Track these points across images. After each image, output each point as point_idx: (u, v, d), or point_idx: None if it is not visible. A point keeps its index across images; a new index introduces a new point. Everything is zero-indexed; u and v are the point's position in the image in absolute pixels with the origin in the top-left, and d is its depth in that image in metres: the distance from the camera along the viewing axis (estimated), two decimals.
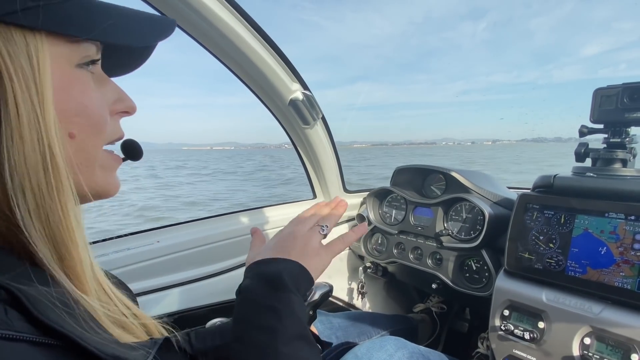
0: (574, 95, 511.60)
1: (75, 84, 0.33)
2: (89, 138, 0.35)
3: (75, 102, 0.33)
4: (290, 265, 0.51)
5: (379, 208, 1.38)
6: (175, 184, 15.95)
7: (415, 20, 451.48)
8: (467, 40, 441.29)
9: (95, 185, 0.37)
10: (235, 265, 1.23)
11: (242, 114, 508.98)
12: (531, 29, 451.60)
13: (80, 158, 0.34)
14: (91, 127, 0.35)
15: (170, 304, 1.08)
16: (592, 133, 0.85)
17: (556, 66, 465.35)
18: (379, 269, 1.44)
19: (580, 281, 0.78)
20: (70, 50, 0.33)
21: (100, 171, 0.38)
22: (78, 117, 0.33)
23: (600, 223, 0.77)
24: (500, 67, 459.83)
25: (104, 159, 0.38)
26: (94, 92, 0.35)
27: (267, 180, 16.08)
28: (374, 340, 0.85)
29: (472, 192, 1.10)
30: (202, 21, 0.88)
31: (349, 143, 34.86)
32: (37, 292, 0.28)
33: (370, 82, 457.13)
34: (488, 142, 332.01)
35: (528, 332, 0.82)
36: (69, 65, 0.33)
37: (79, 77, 0.34)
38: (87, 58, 0.35)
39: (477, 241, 1.03)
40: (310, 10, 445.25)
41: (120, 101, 0.40)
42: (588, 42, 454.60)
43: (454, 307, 1.56)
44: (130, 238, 1.07)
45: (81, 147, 0.34)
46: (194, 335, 0.66)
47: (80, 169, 0.34)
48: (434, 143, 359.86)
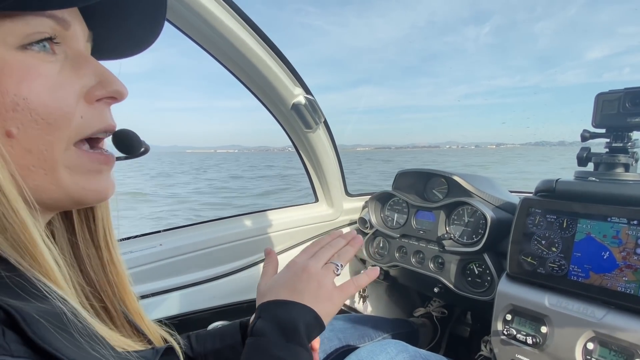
0: (578, 99, 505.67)
1: (8, 72, 0.27)
2: (38, 136, 0.29)
3: (7, 94, 0.27)
4: (306, 314, 0.49)
5: (381, 212, 1.38)
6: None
7: (418, 24, 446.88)
8: (470, 44, 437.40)
9: (63, 191, 0.32)
10: (238, 268, 1.23)
11: (246, 117, 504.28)
12: (535, 33, 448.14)
13: (30, 160, 0.29)
14: (37, 122, 0.29)
15: (173, 306, 1.08)
16: (594, 137, 0.85)
17: (560, 70, 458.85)
18: (380, 273, 1.44)
19: (583, 286, 0.78)
20: (1, 29, 0.27)
21: (68, 174, 0.32)
22: (15, 112, 0.28)
23: (603, 227, 0.77)
24: (503, 71, 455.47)
25: (71, 159, 0.32)
26: (45, 79, 0.29)
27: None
28: (375, 344, 0.85)
29: (474, 195, 1.10)
30: (205, 26, 0.89)
31: (352, 146, 35.00)
32: (34, 309, 0.26)
33: (373, 86, 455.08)
34: (492, 146, 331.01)
35: (531, 337, 0.82)
36: (2, 48, 0.27)
37: (17, 61, 0.28)
38: (35, 36, 0.29)
39: (479, 245, 1.03)
40: (314, 14, 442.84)
41: (101, 86, 0.33)
42: (592, 46, 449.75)
43: (456, 312, 1.55)
44: (133, 241, 1.08)
45: (27, 148, 0.29)
46: (195, 338, 0.66)
47: (33, 173, 0.29)
48: (437, 146, 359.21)
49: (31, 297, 0.27)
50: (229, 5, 0.88)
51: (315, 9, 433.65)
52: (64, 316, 0.28)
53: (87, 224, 0.40)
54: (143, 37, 0.39)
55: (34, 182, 0.30)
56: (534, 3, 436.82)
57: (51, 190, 0.31)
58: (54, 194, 0.31)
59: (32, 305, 0.27)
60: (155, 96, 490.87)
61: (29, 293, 0.28)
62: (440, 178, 1.24)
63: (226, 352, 0.65)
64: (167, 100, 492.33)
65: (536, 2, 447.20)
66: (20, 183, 0.28)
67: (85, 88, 0.32)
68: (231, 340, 0.66)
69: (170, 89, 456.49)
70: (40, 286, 0.29)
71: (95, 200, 0.35)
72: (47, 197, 0.31)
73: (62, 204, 0.33)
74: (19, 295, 0.27)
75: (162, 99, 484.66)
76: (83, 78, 0.32)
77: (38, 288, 0.28)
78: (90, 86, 0.33)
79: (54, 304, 0.29)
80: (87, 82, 0.32)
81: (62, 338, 0.27)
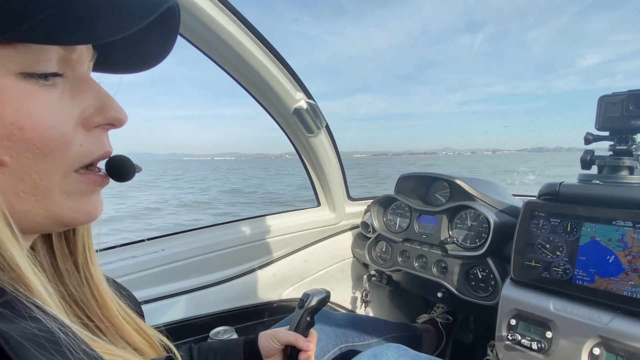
0: (572, 105, 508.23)
1: (6, 100, 0.26)
2: (32, 165, 0.28)
3: (4, 123, 0.26)
4: None
5: (383, 216, 1.37)
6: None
7: (414, 34, 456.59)
8: (465, 52, 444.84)
9: (52, 215, 0.31)
10: (239, 273, 1.23)
11: (244, 125, 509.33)
12: (528, 41, 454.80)
13: (22, 187, 0.28)
14: (31, 152, 0.27)
15: (175, 311, 1.08)
16: (597, 140, 0.85)
17: (555, 77, 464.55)
18: (383, 277, 1.43)
19: (588, 290, 0.77)
20: (2, 55, 0.25)
21: (63, 199, 0.31)
22: (9, 141, 0.26)
23: (608, 231, 0.76)
24: (499, 78, 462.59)
25: (70, 185, 0.31)
26: (43, 107, 0.28)
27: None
28: (375, 348, 0.84)
29: (477, 199, 1.10)
30: (207, 32, 0.90)
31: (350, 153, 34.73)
32: (21, 330, 0.25)
33: (370, 94, 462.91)
34: (488, 152, 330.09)
35: (535, 342, 0.81)
36: (1, 73, 0.26)
37: (16, 89, 0.26)
38: (40, 67, 0.27)
39: (483, 249, 1.02)
40: (311, 24, 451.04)
41: (100, 112, 0.32)
42: (585, 53, 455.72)
43: (459, 317, 1.54)
44: (135, 246, 1.08)
45: (19, 176, 0.28)
46: (196, 352, 0.66)
47: (24, 199, 0.28)
48: (434, 153, 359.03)
49: (18, 318, 0.26)
50: (230, 11, 0.89)
51: (312, 19, 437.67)
52: (54, 336, 0.27)
53: (67, 239, 0.39)
54: (152, 55, 0.37)
55: (22, 208, 0.29)
56: (526, 12, 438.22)
57: (39, 215, 0.30)
58: (41, 218, 0.30)
59: (20, 326, 0.25)
60: (153, 104, 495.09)
61: (17, 315, 0.26)
62: (442, 182, 1.24)
63: None
64: (165, 108, 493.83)
65: (528, 11, 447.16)
66: (6, 213, 0.27)
67: (84, 114, 0.31)
68: (233, 359, 0.66)
69: (168, 97, 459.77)
70: (28, 306, 0.27)
71: (84, 221, 0.34)
72: (33, 222, 0.30)
73: (47, 227, 0.32)
74: (5, 318, 0.25)
75: (160, 107, 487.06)
76: (82, 103, 0.31)
77: (27, 309, 0.27)
78: (89, 113, 0.31)
79: (44, 324, 0.27)
80: (86, 107, 0.31)
81: (52, 356, 0.25)
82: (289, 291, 1.33)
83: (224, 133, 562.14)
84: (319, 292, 0.73)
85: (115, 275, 0.79)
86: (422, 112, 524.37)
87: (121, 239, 1.12)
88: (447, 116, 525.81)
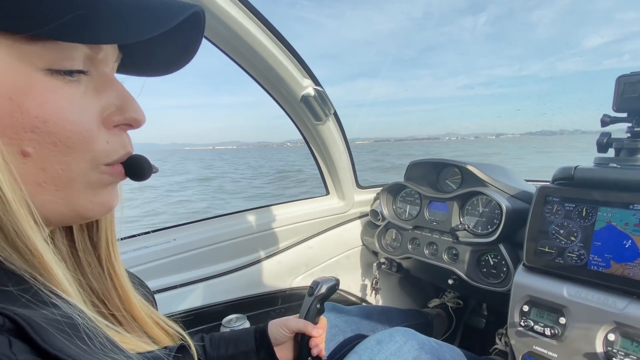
0: (578, 87, 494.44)
1: (32, 94, 0.27)
2: (55, 157, 0.29)
3: (27, 115, 0.27)
4: None
5: (393, 203, 1.37)
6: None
7: (415, 16, 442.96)
8: (467, 35, 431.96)
9: (70, 206, 0.31)
10: (250, 262, 1.24)
11: (245, 113, 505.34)
12: (532, 22, 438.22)
13: (43, 178, 0.29)
14: (55, 145, 0.28)
15: (188, 300, 1.10)
16: (614, 122, 0.82)
17: (559, 58, 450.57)
18: (393, 265, 1.43)
19: (603, 275, 0.76)
20: (30, 51, 0.26)
21: (83, 191, 0.32)
22: (33, 134, 0.27)
23: (625, 215, 0.74)
24: (502, 60, 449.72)
25: (93, 178, 0.32)
26: (67, 102, 0.29)
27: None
28: (383, 332, 0.84)
29: (489, 185, 1.08)
30: (211, 18, 0.88)
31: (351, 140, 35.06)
32: (42, 316, 0.26)
33: (371, 79, 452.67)
34: (492, 137, 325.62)
35: (549, 328, 0.80)
36: (29, 68, 0.27)
37: (43, 84, 0.27)
38: (66, 64, 0.28)
39: (495, 235, 1.01)
40: (309, 8, 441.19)
41: (120, 112, 0.33)
42: (590, 33, 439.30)
43: (471, 303, 1.54)
44: (147, 236, 1.09)
45: (42, 167, 0.29)
46: (208, 341, 0.67)
47: (44, 189, 0.29)
48: (437, 138, 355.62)
49: (40, 305, 0.27)
50: None
51: (310, 2, 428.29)
52: (74, 322, 0.28)
53: (89, 234, 0.39)
54: (176, 58, 0.37)
55: (42, 197, 0.29)
56: None
57: (58, 205, 0.31)
58: (60, 208, 0.31)
59: (41, 312, 0.26)
60: (153, 94, 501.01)
61: (38, 302, 0.27)
62: (453, 168, 1.22)
63: (239, 358, 0.66)
64: (165, 98, 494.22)
65: None
66: (28, 201, 0.28)
67: (105, 112, 0.32)
68: (245, 346, 0.67)
69: (168, 87, 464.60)
70: (49, 294, 0.28)
71: (101, 214, 0.34)
72: (52, 211, 0.31)
73: (65, 218, 0.32)
74: (27, 305, 0.26)
75: (160, 97, 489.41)
76: (104, 101, 0.32)
77: (47, 296, 0.28)
78: (110, 112, 0.32)
79: (63, 311, 0.28)
80: (107, 105, 0.32)
81: (73, 344, 0.26)
82: (300, 279, 1.34)
83: (225, 122, 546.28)
84: (328, 280, 0.74)
85: (129, 265, 0.80)
86: (425, 96, 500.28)
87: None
88: (450, 100, 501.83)
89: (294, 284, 1.33)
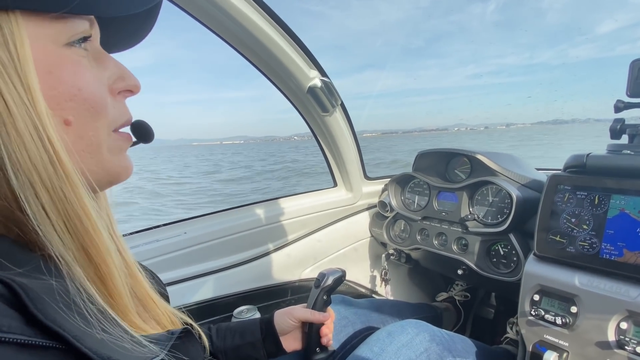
0: (590, 74, 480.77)
1: (64, 66, 0.30)
2: (88, 123, 0.32)
3: (66, 85, 0.30)
4: None
5: (401, 194, 1.36)
6: None
7: (422, 5, 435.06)
8: (476, 23, 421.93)
9: (103, 171, 0.35)
10: (260, 254, 1.25)
11: (251, 108, 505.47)
12: (543, 8, 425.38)
13: (82, 145, 0.32)
14: (88, 111, 0.32)
15: (199, 292, 1.12)
16: (629, 108, 0.80)
17: (570, 45, 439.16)
18: (402, 256, 1.43)
19: (615, 264, 0.75)
20: (54, 29, 0.29)
21: (109, 155, 0.35)
22: (72, 102, 0.30)
23: (638, 203, 0.73)
24: (512, 48, 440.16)
25: (111, 142, 0.35)
26: (88, 72, 0.32)
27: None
28: (394, 324, 0.85)
29: (499, 174, 1.07)
30: (217, 10, 0.88)
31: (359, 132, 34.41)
32: (44, 286, 0.26)
33: (379, 70, 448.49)
34: (502, 127, 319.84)
35: (560, 317, 0.80)
36: (55, 45, 0.30)
37: (68, 57, 0.31)
38: (78, 35, 0.31)
39: (505, 225, 1.00)
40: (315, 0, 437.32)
41: (122, 79, 0.36)
42: (604, 18, 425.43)
43: (480, 294, 1.53)
44: (158, 230, 1.11)
45: (80, 134, 0.32)
46: (215, 332, 0.68)
47: (83, 156, 0.32)
48: (445, 129, 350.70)
49: (40, 275, 0.27)
50: None
51: None
52: (73, 294, 0.28)
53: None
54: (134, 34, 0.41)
55: (84, 165, 0.32)
56: None
57: (95, 171, 0.33)
58: (96, 174, 0.34)
59: (40, 282, 0.27)
60: (159, 90, 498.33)
61: (39, 272, 0.27)
62: (462, 157, 1.21)
63: (246, 348, 0.67)
64: (171, 94, 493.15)
65: None
66: (81, 167, 0.31)
67: (110, 80, 0.35)
68: (251, 337, 0.68)
69: (174, 83, 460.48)
70: (50, 265, 0.29)
71: (125, 176, 0.38)
72: (91, 179, 0.33)
73: (100, 184, 0.35)
74: (27, 275, 0.26)
75: (166, 93, 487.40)
76: (108, 70, 0.35)
77: (48, 267, 0.28)
78: (113, 79, 0.35)
79: (64, 282, 0.28)
80: (110, 75, 0.35)
81: (69, 316, 0.26)
82: (309, 271, 1.35)
83: (232, 117, 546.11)
84: (335, 272, 0.75)
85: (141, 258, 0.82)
86: (433, 87, 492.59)
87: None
88: (458, 90, 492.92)
89: (303, 275, 1.34)
